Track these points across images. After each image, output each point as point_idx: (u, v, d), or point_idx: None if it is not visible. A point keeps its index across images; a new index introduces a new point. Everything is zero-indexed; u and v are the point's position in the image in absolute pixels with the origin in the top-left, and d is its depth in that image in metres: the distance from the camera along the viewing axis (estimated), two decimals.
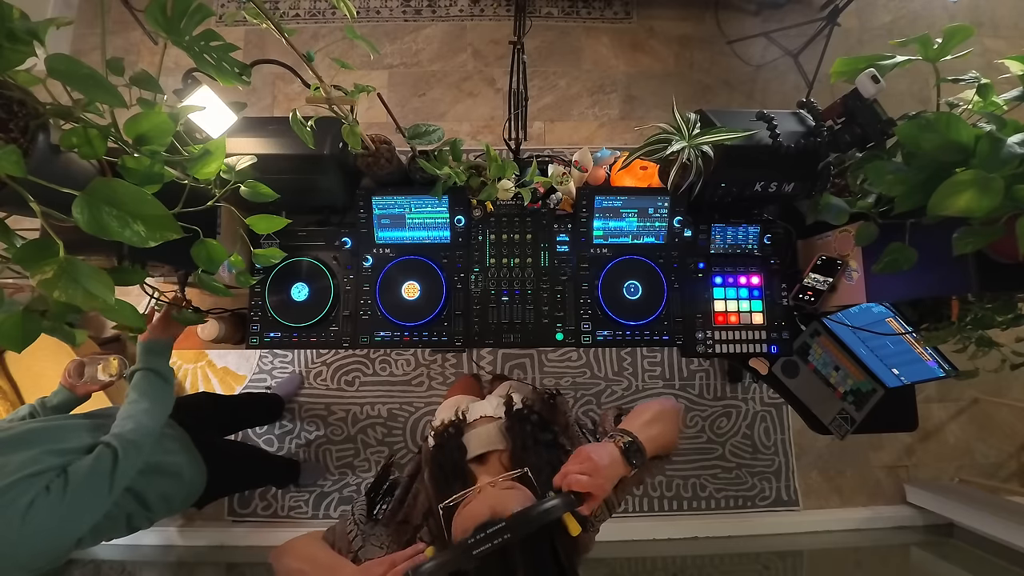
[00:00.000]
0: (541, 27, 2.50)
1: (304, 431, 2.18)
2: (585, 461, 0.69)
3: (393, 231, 1.27)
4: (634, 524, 2.17)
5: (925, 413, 2.26)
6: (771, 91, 2.51)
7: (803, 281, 1.24)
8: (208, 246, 0.80)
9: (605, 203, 1.26)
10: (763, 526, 2.18)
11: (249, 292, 1.26)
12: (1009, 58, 0.83)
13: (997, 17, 2.68)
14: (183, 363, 2.22)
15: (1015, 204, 0.68)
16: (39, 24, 0.56)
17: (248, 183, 0.86)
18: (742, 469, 2.22)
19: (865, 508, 2.23)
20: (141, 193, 0.58)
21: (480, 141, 1.16)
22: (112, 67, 0.61)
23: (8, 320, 0.59)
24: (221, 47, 0.72)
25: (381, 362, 2.24)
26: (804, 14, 2.44)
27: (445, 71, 2.48)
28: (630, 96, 2.48)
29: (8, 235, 0.60)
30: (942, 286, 0.94)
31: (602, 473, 0.68)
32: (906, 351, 1.25)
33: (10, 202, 0.63)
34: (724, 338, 1.27)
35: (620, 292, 1.25)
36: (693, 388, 2.26)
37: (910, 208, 0.81)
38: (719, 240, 1.29)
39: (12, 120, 0.61)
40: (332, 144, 1.12)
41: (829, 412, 1.34)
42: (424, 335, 1.25)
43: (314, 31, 2.52)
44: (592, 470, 0.68)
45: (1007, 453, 2.31)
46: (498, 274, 1.28)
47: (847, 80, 0.99)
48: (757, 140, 1.06)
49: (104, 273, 0.58)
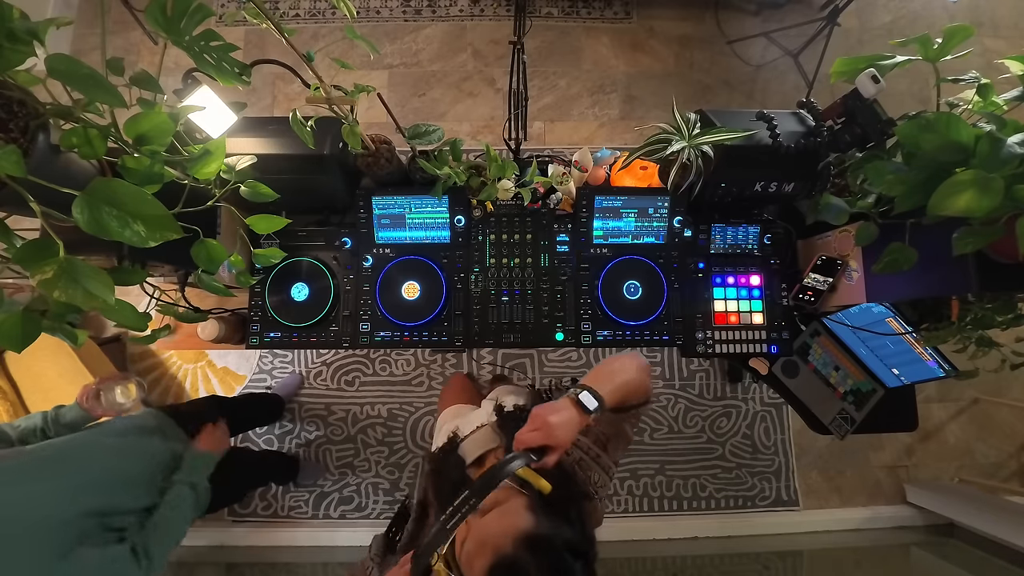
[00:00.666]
0: (541, 27, 2.50)
1: (304, 431, 2.18)
2: (534, 419, 0.71)
3: (393, 231, 1.27)
4: (634, 524, 2.17)
5: (925, 413, 2.26)
6: (771, 91, 2.51)
7: (803, 281, 1.24)
8: (208, 246, 0.80)
9: (605, 203, 1.26)
10: (763, 526, 2.18)
11: (249, 292, 1.26)
12: (1009, 58, 0.83)
13: (997, 17, 2.68)
14: (183, 363, 2.22)
15: (1015, 204, 0.68)
16: (39, 24, 0.56)
17: (248, 183, 0.86)
18: (742, 469, 2.22)
19: (865, 508, 2.23)
20: (141, 193, 0.58)
21: (480, 141, 1.16)
22: (112, 67, 0.61)
23: (8, 320, 0.59)
24: (221, 47, 0.72)
25: (381, 362, 2.24)
26: (804, 14, 2.44)
27: (445, 71, 2.48)
28: (630, 96, 2.48)
29: (8, 235, 0.60)
30: (942, 286, 0.94)
31: (552, 424, 0.69)
32: (906, 351, 1.25)
33: (10, 202, 0.63)
34: (724, 338, 1.27)
35: (620, 292, 1.25)
36: (693, 388, 2.26)
37: (910, 208, 0.81)
38: (719, 240, 1.29)
39: (12, 120, 0.61)
40: (332, 144, 1.12)
41: (829, 412, 1.34)
42: (424, 335, 1.25)
43: (314, 31, 2.52)
44: (541, 424, 0.70)
45: (1007, 453, 2.31)
46: (498, 274, 1.28)
47: (847, 80, 0.99)
48: (757, 140, 1.06)
49: (104, 273, 0.58)
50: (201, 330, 1.22)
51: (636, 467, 2.20)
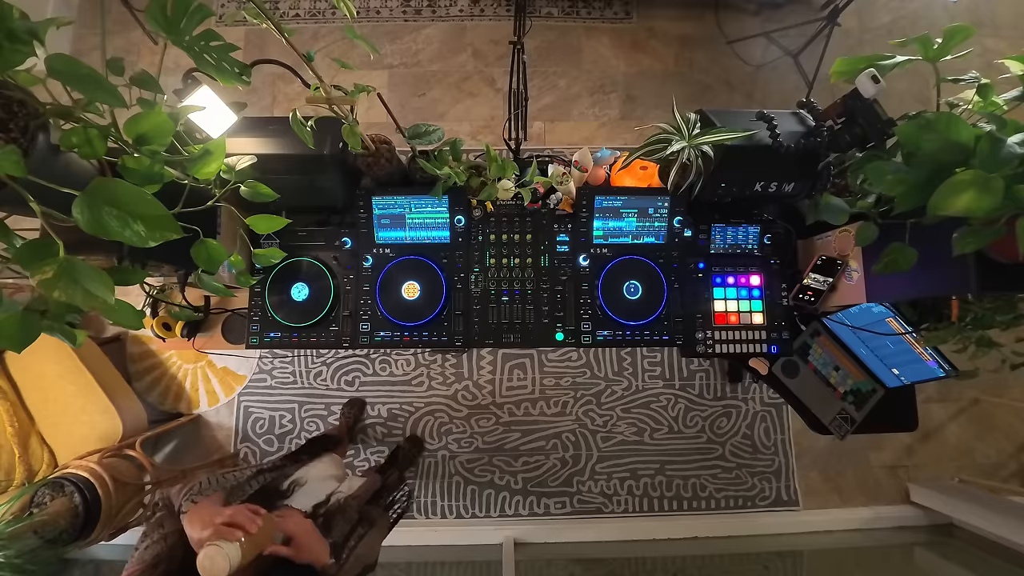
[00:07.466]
0: (541, 27, 2.50)
1: (304, 431, 2.18)
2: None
3: (393, 231, 1.27)
4: (634, 524, 2.17)
5: (925, 413, 2.26)
6: (771, 91, 2.51)
7: (803, 281, 1.24)
8: (208, 246, 0.80)
9: (605, 203, 1.26)
10: (763, 526, 2.18)
11: (249, 292, 1.26)
12: (1009, 58, 0.83)
13: (997, 17, 2.68)
14: (183, 363, 2.22)
15: (1015, 204, 0.68)
16: (39, 24, 0.56)
17: (248, 183, 0.86)
18: (742, 469, 2.22)
19: (865, 508, 2.23)
20: (141, 193, 0.58)
21: (480, 141, 1.16)
22: (112, 67, 0.61)
23: (8, 320, 0.59)
24: (221, 47, 0.72)
25: (381, 362, 2.23)
26: (804, 14, 2.44)
27: (445, 71, 2.48)
28: (630, 96, 2.48)
29: (8, 235, 0.60)
30: (942, 286, 0.94)
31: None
32: (906, 351, 1.25)
33: (10, 202, 0.63)
34: (724, 338, 1.27)
35: (620, 292, 1.25)
36: (693, 388, 2.26)
37: (910, 208, 0.81)
38: (719, 240, 1.29)
39: (12, 120, 0.61)
40: (332, 144, 1.12)
41: (829, 412, 1.34)
42: (424, 335, 1.25)
43: (314, 31, 2.52)
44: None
45: (1007, 453, 2.31)
46: (498, 274, 1.28)
47: (847, 80, 0.99)
48: (757, 140, 1.06)
49: (104, 273, 0.58)
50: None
51: (636, 467, 2.20)
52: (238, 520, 0.69)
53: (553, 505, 2.16)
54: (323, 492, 1.03)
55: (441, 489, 2.16)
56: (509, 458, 2.18)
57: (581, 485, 2.17)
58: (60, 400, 1.72)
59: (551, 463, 2.18)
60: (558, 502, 2.16)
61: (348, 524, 0.96)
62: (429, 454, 2.17)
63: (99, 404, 1.73)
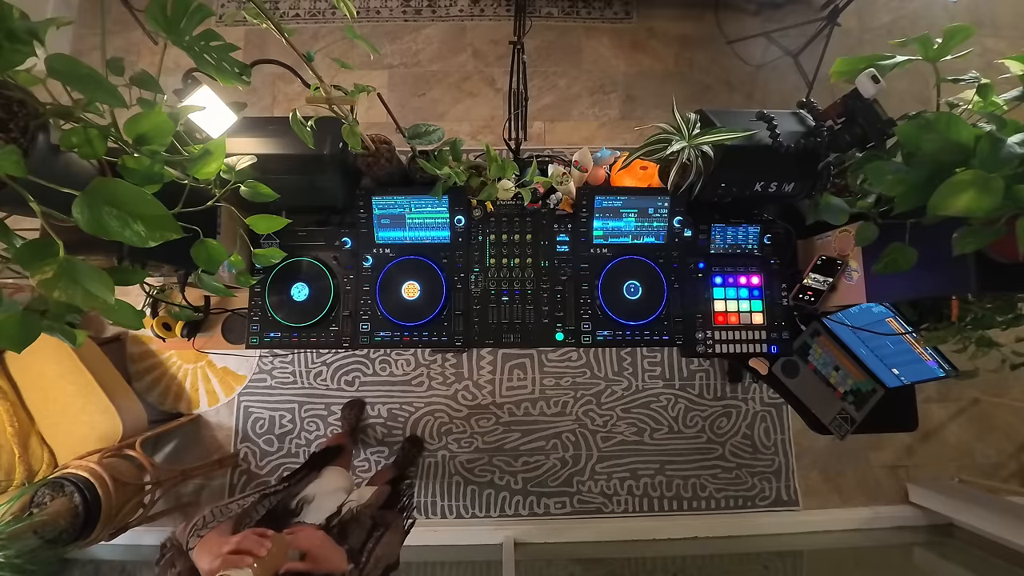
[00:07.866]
0: (541, 27, 2.50)
1: (304, 431, 2.18)
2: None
3: (393, 231, 1.27)
4: (634, 524, 2.17)
5: (925, 413, 2.26)
6: (771, 91, 2.51)
7: (803, 281, 1.24)
8: (208, 246, 0.80)
9: (605, 203, 1.26)
10: (763, 526, 2.18)
11: (249, 292, 1.26)
12: (1009, 58, 0.83)
13: (997, 17, 2.68)
14: (183, 363, 2.22)
15: (1015, 204, 0.68)
16: (39, 24, 0.56)
17: (248, 183, 0.86)
18: (742, 469, 2.22)
19: (865, 508, 2.23)
20: (141, 193, 0.58)
21: (480, 141, 1.16)
22: (112, 67, 0.61)
23: (8, 320, 0.59)
24: (221, 47, 0.72)
25: (381, 362, 2.23)
26: (804, 14, 2.44)
27: (445, 71, 2.48)
28: (630, 96, 2.48)
29: (8, 235, 0.60)
30: (942, 286, 0.94)
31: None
32: (906, 351, 1.25)
33: (10, 202, 0.63)
34: (724, 338, 1.27)
35: (620, 292, 1.25)
36: (693, 388, 2.26)
37: (910, 208, 0.81)
38: (719, 240, 1.29)
39: (12, 120, 0.61)
40: (332, 144, 1.12)
41: (829, 412, 1.34)
42: (424, 335, 1.25)
43: (314, 31, 2.52)
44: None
45: (1007, 453, 2.31)
46: (498, 274, 1.28)
47: (847, 80, 0.99)
48: (757, 140, 1.06)
49: (104, 273, 0.58)
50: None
51: (636, 467, 2.20)
52: (246, 546, 0.69)
53: (553, 505, 2.16)
54: (334, 504, 1.03)
55: (441, 489, 2.16)
56: (509, 458, 2.18)
57: (581, 485, 2.17)
58: (60, 400, 1.72)
59: (551, 463, 2.18)
60: (558, 502, 2.16)
61: (363, 530, 0.96)
62: (429, 454, 2.17)
63: (99, 404, 1.73)
